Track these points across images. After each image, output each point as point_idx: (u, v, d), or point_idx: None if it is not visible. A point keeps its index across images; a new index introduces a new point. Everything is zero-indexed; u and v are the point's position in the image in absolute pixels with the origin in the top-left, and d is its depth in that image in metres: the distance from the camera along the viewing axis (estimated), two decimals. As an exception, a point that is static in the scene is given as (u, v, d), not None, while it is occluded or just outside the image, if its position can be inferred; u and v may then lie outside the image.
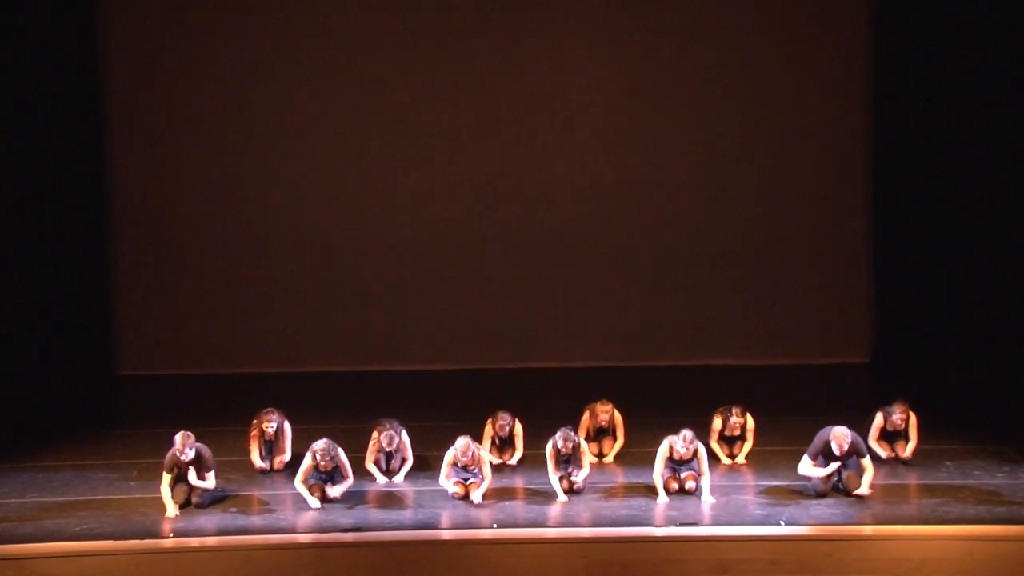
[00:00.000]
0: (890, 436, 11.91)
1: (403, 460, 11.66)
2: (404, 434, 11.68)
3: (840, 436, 10.72)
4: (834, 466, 10.78)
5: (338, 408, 14.10)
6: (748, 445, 12.03)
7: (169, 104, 16.34)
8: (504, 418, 11.93)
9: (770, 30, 16.35)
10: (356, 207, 16.60)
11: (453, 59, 16.46)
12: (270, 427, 11.70)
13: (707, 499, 10.82)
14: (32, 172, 15.50)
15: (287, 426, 11.87)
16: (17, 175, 15.41)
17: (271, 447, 11.81)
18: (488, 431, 11.96)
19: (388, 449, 11.54)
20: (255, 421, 11.77)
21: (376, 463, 11.63)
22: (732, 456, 12.00)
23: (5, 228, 15.36)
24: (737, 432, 12.00)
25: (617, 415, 12.22)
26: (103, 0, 16.15)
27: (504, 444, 12.04)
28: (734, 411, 11.97)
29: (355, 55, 16.44)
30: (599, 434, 12.20)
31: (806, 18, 16.38)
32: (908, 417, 11.82)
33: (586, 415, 12.21)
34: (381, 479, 11.51)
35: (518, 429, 12.01)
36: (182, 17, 16.28)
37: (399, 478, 11.54)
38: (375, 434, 11.59)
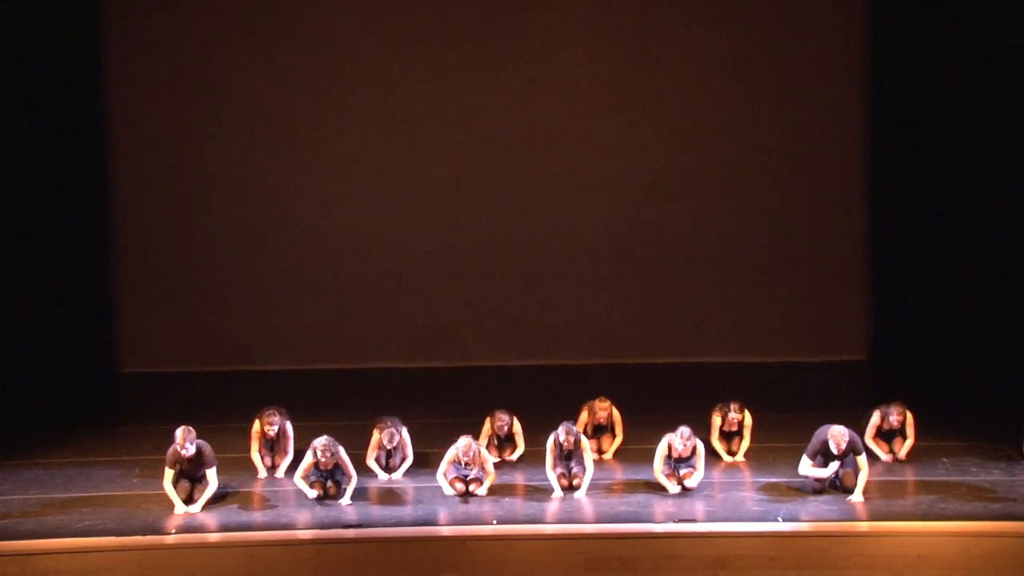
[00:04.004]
0: (886, 434, 11.98)
1: (403, 458, 11.72)
2: (404, 432, 11.72)
3: (838, 435, 10.76)
4: (834, 466, 10.80)
5: (339, 406, 14.15)
6: (746, 443, 12.09)
7: (171, 103, 16.39)
8: (502, 418, 11.96)
9: (767, 29, 16.40)
10: (357, 206, 16.64)
11: (453, 59, 16.50)
12: (272, 429, 11.70)
13: (690, 485, 10.90)
14: (34, 171, 15.54)
15: (289, 427, 11.86)
16: (19, 174, 15.45)
17: (272, 446, 11.84)
18: (486, 429, 12.01)
19: (388, 447, 11.59)
20: (257, 421, 11.80)
21: (376, 460, 11.69)
22: (732, 453, 12.07)
23: (7, 227, 15.40)
24: (735, 428, 12.06)
25: (615, 412, 12.25)
26: (105, 1, 16.22)
27: (503, 442, 12.09)
28: (732, 407, 12.04)
29: (355, 55, 16.48)
30: (597, 431, 12.24)
31: (803, 17, 16.43)
32: (905, 417, 11.89)
33: (584, 412, 12.23)
34: (382, 476, 11.55)
35: (517, 427, 12.04)
36: (183, 17, 16.32)
37: (398, 475, 11.59)
38: (376, 432, 11.64)
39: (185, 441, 10.69)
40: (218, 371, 16.20)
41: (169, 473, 10.77)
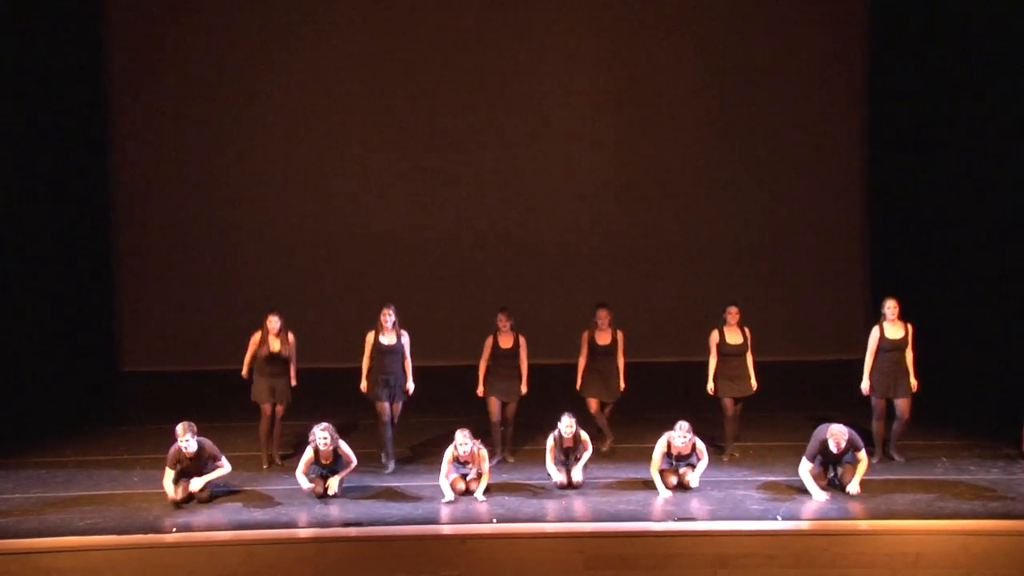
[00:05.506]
0: (888, 352, 11.86)
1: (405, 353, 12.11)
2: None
3: (837, 434, 10.77)
4: (822, 495, 10.79)
5: (338, 404, 14.14)
6: (749, 358, 12.14)
7: (171, 105, 16.44)
8: (502, 318, 12.17)
9: (768, 30, 16.45)
10: (356, 206, 16.69)
11: (454, 59, 16.54)
12: (275, 324, 11.92)
13: (692, 482, 10.95)
14: (36, 172, 15.56)
15: (291, 337, 12.00)
16: (21, 175, 15.46)
17: (271, 357, 11.92)
18: (488, 343, 12.17)
19: (387, 324, 11.90)
20: (258, 333, 11.91)
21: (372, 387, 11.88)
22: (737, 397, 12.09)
23: (9, 228, 15.41)
24: (739, 337, 12.12)
25: (619, 333, 12.31)
26: (107, 2, 16.24)
27: (505, 358, 12.12)
28: (728, 311, 12.09)
29: (355, 55, 16.52)
30: (604, 360, 12.21)
31: (804, 17, 16.46)
32: (907, 329, 11.84)
33: (585, 335, 12.32)
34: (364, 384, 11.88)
35: (522, 341, 12.22)
36: (184, 18, 16.38)
37: (409, 384, 11.94)
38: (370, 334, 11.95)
39: (186, 433, 10.73)
40: (218, 371, 16.18)
41: (169, 473, 10.82)
